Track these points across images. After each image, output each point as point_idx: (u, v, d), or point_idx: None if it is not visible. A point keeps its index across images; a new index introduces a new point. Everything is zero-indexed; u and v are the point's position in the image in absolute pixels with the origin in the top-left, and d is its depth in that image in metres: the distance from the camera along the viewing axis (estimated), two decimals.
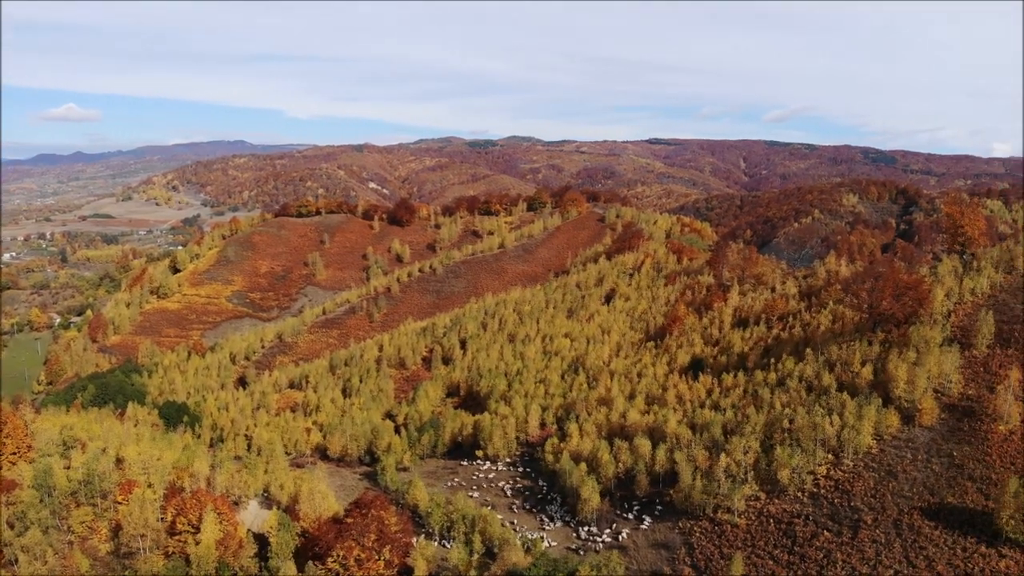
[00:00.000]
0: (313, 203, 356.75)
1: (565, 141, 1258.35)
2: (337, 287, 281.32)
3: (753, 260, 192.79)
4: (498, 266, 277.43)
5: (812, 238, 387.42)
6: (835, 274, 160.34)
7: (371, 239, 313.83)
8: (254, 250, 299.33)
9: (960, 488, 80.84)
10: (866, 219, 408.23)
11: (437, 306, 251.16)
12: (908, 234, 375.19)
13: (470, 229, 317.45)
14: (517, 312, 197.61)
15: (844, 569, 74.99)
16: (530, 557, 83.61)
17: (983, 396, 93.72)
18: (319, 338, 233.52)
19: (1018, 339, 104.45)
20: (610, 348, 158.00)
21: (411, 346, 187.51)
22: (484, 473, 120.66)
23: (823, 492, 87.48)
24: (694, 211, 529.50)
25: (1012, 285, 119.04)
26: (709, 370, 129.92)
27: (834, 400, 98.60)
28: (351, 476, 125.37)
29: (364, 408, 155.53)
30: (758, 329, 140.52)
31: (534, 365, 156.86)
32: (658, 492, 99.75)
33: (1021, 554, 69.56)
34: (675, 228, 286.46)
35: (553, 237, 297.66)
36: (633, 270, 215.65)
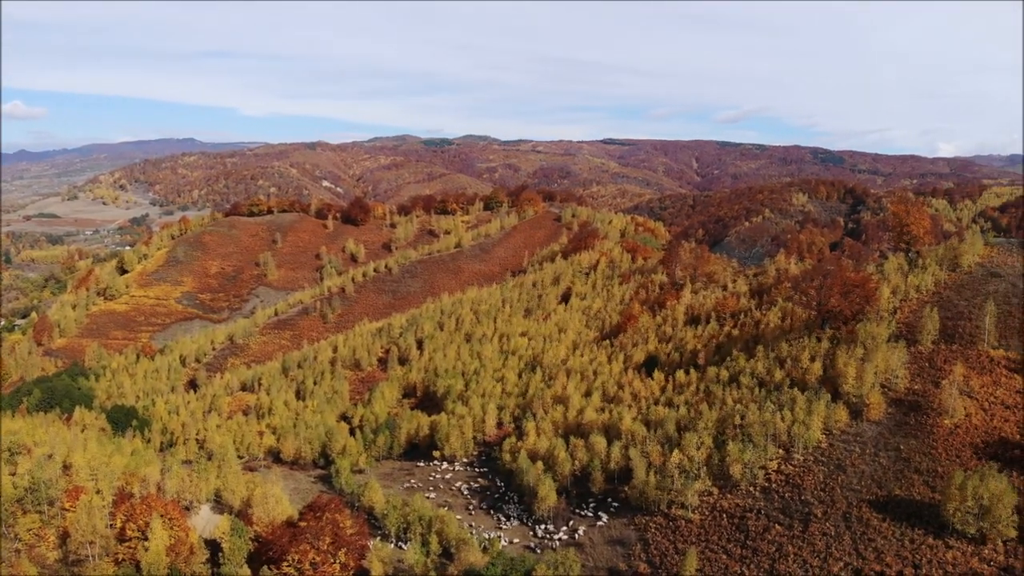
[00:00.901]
0: (265, 202, 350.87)
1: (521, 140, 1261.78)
2: (290, 287, 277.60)
3: (705, 259, 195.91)
4: (455, 265, 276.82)
5: (762, 237, 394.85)
6: (785, 272, 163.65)
7: (325, 238, 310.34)
8: (204, 250, 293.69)
9: (907, 481, 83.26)
10: (815, 218, 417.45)
11: (393, 306, 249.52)
12: (856, 232, 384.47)
13: (426, 228, 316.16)
14: (474, 312, 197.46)
15: (795, 562, 76.68)
16: (487, 556, 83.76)
17: (928, 391, 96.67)
18: (271, 340, 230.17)
19: (962, 335, 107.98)
20: (566, 346, 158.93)
21: (366, 347, 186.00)
22: (441, 474, 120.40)
23: (774, 486, 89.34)
24: (648, 211, 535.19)
25: (956, 282, 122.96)
26: (663, 367, 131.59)
27: (784, 396, 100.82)
28: (305, 479, 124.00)
29: (318, 410, 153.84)
30: (710, 327, 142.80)
31: (491, 364, 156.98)
32: (613, 489, 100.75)
33: (967, 545, 71.92)
34: (630, 228, 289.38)
35: (510, 236, 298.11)
36: (589, 269, 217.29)
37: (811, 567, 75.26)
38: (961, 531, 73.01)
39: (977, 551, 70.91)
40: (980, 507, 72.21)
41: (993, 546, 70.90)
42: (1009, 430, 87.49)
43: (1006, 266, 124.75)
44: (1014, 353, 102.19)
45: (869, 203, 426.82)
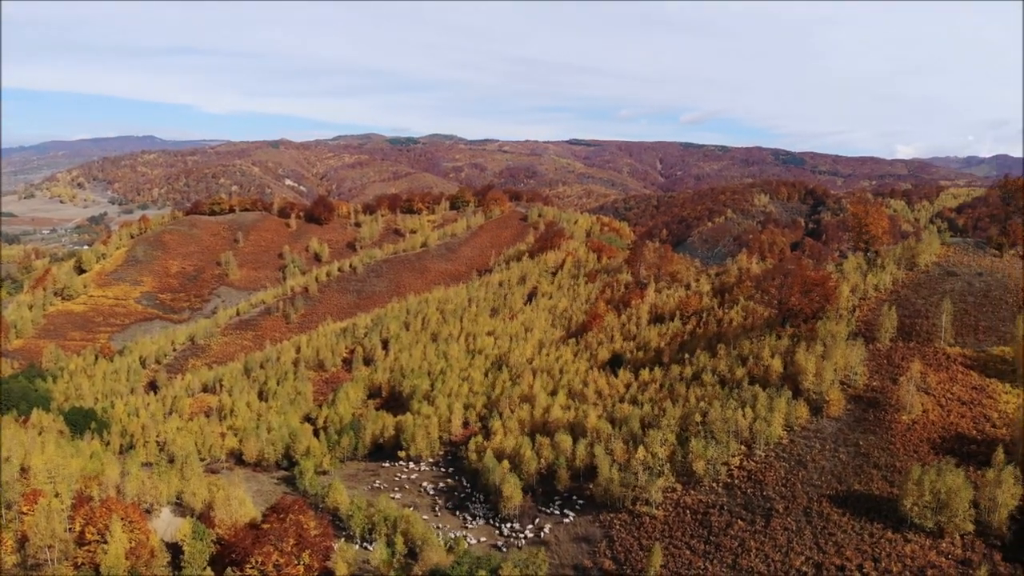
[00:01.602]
0: (226, 200, 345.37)
1: (488, 140, 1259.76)
2: (252, 287, 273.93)
3: (669, 258, 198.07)
4: (421, 265, 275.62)
5: (725, 237, 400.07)
6: (746, 271, 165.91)
7: (288, 238, 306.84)
8: (164, 249, 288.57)
9: (866, 476, 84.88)
10: (776, 218, 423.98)
11: (358, 306, 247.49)
12: (816, 233, 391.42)
13: (392, 227, 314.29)
14: (440, 311, 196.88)
15: (758, 557, 77.77)
16: (453, 556, 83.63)
17: (887, 387, 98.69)
18: (233, 340, 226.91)
19: (919, 332, 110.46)
20: (533, 345, 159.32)
21: (330, 347, 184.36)
22: (407, 474, 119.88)
23: (737, 482, 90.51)
24: (613, 211, 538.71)
25: (913, 281, 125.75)
26: (628, 365, 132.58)
27: (746, 393, 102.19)
28: (268, 481, 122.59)
29: (281, 411, 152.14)
30: (674, 325, 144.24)
31: (458, 364, 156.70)
32: (579, 487, 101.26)
33: (925, 538, 73.50)
34: (595, 227, 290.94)
35: (476, 236, 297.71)
36: (555, 269, 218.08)
37: (773, 562, 76.39)
38: (919, 525, 74.57)
39: (935, 544, 72.51)
40: (937, 501, 73.80)
41: (951, 539, 72.57)
42: (965, 426, 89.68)
43: (962, 265, 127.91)
44: (970, 350, 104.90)
45: (829, 204, 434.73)
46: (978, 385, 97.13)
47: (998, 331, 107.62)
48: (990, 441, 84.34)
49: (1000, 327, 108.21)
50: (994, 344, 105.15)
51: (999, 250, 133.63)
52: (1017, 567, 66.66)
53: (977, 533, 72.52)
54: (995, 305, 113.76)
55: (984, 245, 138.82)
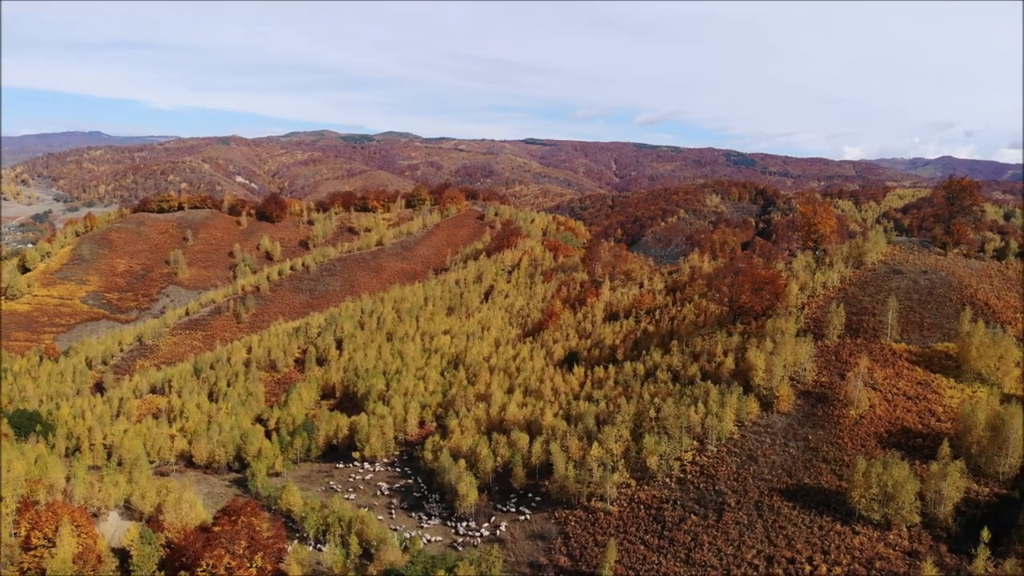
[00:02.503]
0: (175, 198, 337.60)
1: (443, 138, 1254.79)
2: (202, 286, 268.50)
3: (623, 257, 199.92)
4: (376, 264, 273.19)
5: (678, 236, 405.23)
6: (699, 270, 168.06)
7: (238, 236, 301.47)
8: (111, 248, 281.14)
9: (815, 470, 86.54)
10: (728, 218, 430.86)
11: (311, 305, 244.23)
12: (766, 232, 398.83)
13: (346, 226, 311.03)
14: (396, 310, 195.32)
15: (710, 551, 78.71)
16: (408, 556, 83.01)
17: (835, 383, 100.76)
18: (182, 340, 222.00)
19: (866, 329, 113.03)
20: (489, 344, 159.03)
21: (282, 347, 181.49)
22: (361, 475, 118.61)
23: (689, 477, 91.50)
24: (569, 210, 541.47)
25: (860, 279, 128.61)
26: (583, 363, 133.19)
27: (698, 389, 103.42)
28: (220, 484, 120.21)
29: (232, 413, 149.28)
30: (628, 323, 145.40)
31: (414, 363, 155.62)
32: (535, 484, 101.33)
33: (873, 530, 75.22)
34: (551, 227, 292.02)
35: (432, 234, 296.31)
36: (512, 267, 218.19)
37: (725, 555, 77.38)
38: (867, 517, 76.27)
39: (883, 536, 74.26)
40: (884, 494, 75.58)
41: (898, 531, 74.39)
42: (911, 420, 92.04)
43: (908, 264, 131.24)
44: (915, 347, 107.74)
45: (779, 204, 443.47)
46: (923, 380, 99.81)
47: (942, 328, 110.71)
48: (935, 435, 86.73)
49: (944, 324, 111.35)
50: (939, 340, 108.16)
51: (943, 249, 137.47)
52: (963, 559, 68.54)
53: (923, 525, 74.47)
54: (939, 303, 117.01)
55: (929, 244, 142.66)
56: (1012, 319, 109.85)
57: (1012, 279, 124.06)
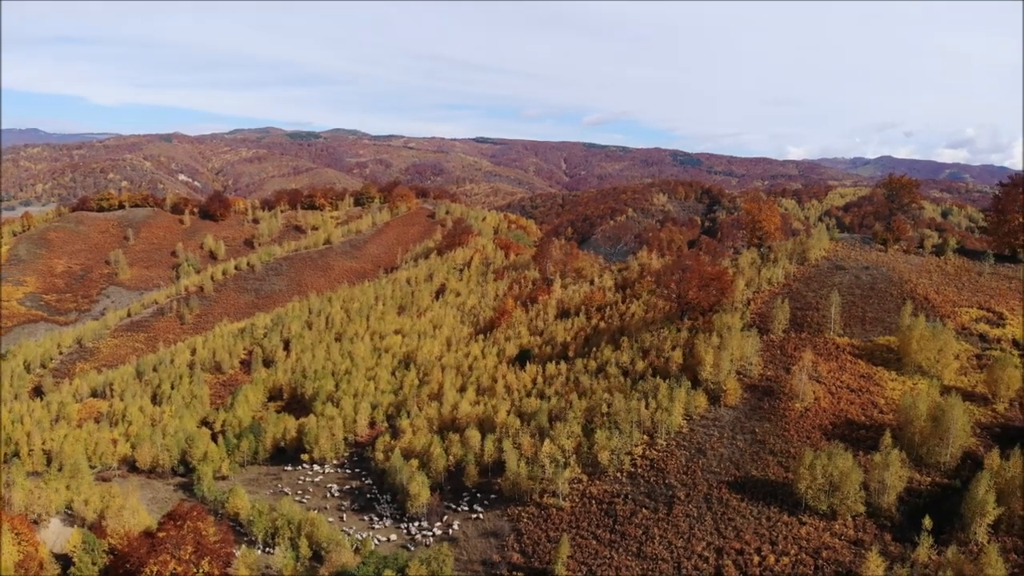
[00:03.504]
0: (116, 196, 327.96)
1: (393, 136, 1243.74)
2: (143, 287, 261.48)
3: (574, 255, 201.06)
4: (324, 263, 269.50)
5: (626, 234, 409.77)
6: (647, 267, 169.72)
7: (181, 235, 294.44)
8: (49, 248, 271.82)
9: (762, 462, 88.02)
10: (675, 217, 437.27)
11: (256, 305, 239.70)
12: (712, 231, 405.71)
13: (292, 224, 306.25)
14: (345, 310, 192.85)
15: (661, 544, 79.40)
16: (359, 557, 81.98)
17: (780, 376, 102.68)
18: (124, 342, 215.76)
19: (810, 324, 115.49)
20: (441, 343, 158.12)
21: (228, 348, 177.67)
22: (311, 477, 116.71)
23: (640, 471, 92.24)
24: (520, 209, 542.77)
25: (804, 275, 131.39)
26: (535, 360, 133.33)
27: (648, 384, 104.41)
28: (164, 488, 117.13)
29: (176, 416, 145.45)
30: (579, 320, 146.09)
31: (364, 363, 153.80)
32: (488, 482, 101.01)
33: (819, 521, 76.73)
34: (503, 225, 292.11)
35: (382, 233, 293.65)
36: (463, 266, 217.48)
37: (676, 548, 78.14)
38: (813, 508, 77.78)
39: (829, 526, 75.81)
40: (830, 485, 77.13)
41: (843, 521, 76.00)
42: (854, 412, 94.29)
43: (850, 260, 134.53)
44: (858, 340, 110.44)
45: (724, 203, 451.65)
46: (866, 373, 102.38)
47: (884, 322, 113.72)
48: (878, 426, 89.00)
49: (886, 318, 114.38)
50: (880, 334, 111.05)
51: (884, 245, 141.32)
52: (907, 547, 70.34)
53: (868, 514, 76.23)
54: (880, 297, 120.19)
55: (870, 241, 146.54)
56: (951, 313, 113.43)
57: (950, 274, 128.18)
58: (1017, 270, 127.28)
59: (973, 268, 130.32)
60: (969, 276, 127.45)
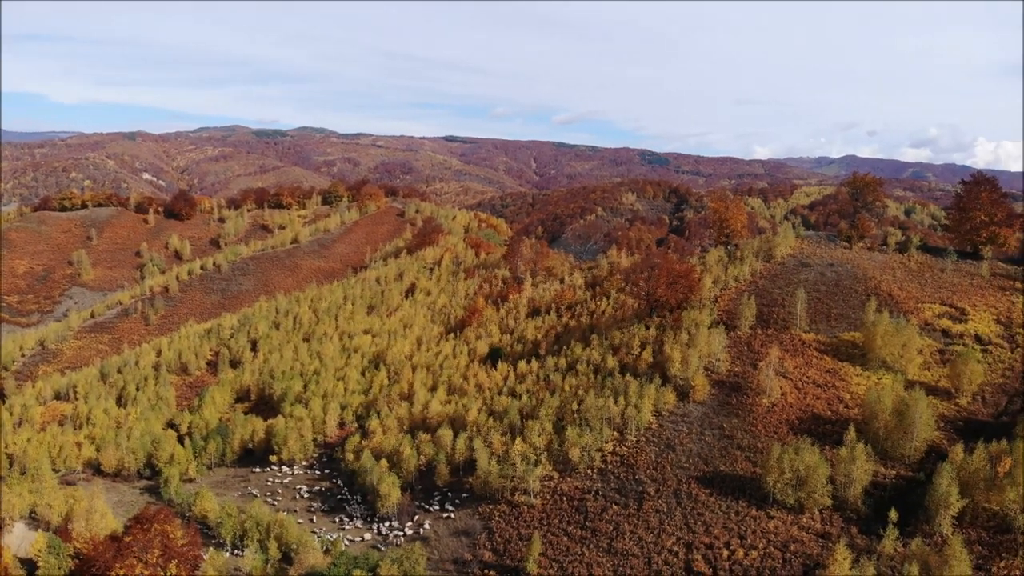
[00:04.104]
0: (78, 195, 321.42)
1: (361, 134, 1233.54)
2: (107, 288, 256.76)
3: (544, 254, 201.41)
4: (291, 262, 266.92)
5: (596, 233, 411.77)
6: (617, 266, 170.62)
7: (146, 234, 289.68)
8: (10, 248, 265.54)
9: (731, 457, 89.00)
10: (643, 216, 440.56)
11: (223, 306, 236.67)
12: (680, 229, 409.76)
13: (259, 223, 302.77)
14: (313, 310, 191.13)
15: (632, 539, 79.93)
16: (329, 557, 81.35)
17: (747, 372, 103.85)
18: (88, 344, 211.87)
19: (776, 320, 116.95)
20: (412, 342, 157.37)
21: (194, 349, 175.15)
22: (280, 478, 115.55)
23: (610, 467, 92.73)
24: (490, 208, 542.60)
25: (770, 272, 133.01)
26: (506, 358, 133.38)
27: (618, 381, 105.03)
28: (130, 491, 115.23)
29: (142, 418, 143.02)
30: (549, 318, 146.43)
31: (333, 364, 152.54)
32: (459, 481, 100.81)
33: (787, 514, 77.82)
34: (473, 224, 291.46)
35: (351, 232, 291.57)
36: (433, 265, 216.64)
37: (646, 543, 78.72)
38: (781, 502, 78.84)
39: (796, 520, 76.93)
40: (797, 479, 78.31)
41: (810, 514, 77.20)
42: (820, 407, 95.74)
43: (815, 257, 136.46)
44: (823, 336, 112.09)
45: (692, 202, 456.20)
46: (831, 369, 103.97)
47: (848, 318, 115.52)
48: (843, 421, 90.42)
49: (850, 314, 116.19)
50: (845, 330, 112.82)
51: (848, 243, 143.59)
52: (873, 539, 71.58)
53: (834, 508, 77.50)
54: (845, 294, 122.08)
55: (835, 238, 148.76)
56: (914, 309, 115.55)
57: (913, 271, 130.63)
58: (979, 267, 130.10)
59: (936, 265, 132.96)
60: (932, 273, 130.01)
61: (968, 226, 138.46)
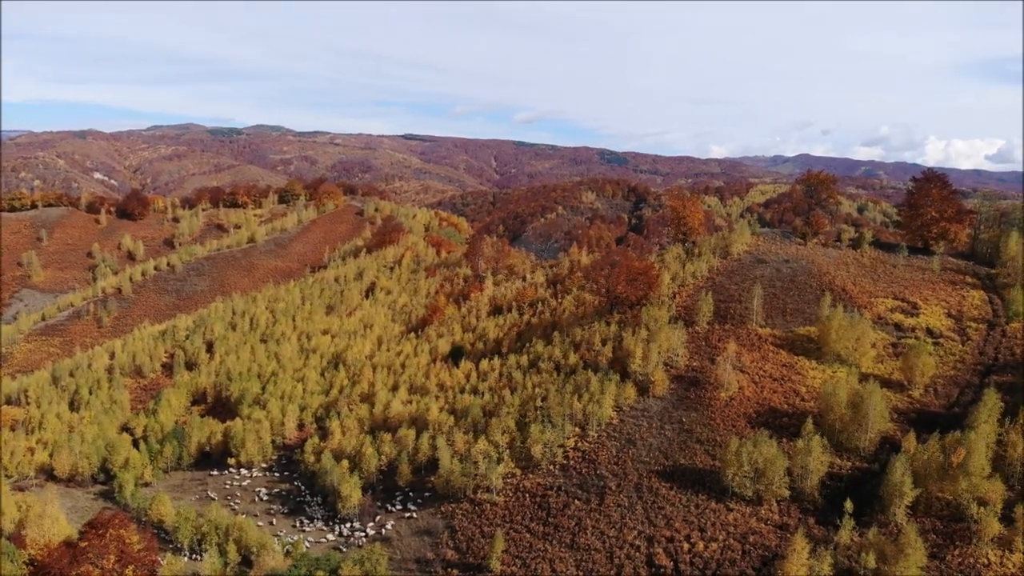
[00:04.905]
0: (28, 196, 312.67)
1: (318, 132, 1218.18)
2: (58, 289, 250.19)
3: (505, 252, 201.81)
4: (248, 262, 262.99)
5: (557, 232, 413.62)
6: (577, 263, 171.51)
7: (98, 235, 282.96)
8: None
9: (690, 451, 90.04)
10: (603, 214, 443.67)
11: (178, 307, 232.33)
12: (639, 227, 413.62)
13: (214, 223, 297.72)
14: (270, 310, 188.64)
15: (593, 534, 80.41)
16: (290, 560, 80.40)
17: (706, 367, 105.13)
18: (39, 347, 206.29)
19: (733, 315, 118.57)
20: (372, 342, 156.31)
21: (148, 352, 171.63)
22: (238, 481, 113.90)
23: (572, 463, 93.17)
24: (451, 206, 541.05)
25: (727, 268, 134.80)
26: (468, 357, 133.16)
27: (580, 377, 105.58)
28: (84, 497, 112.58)
29: (96, 422, 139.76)
30: (511, 316, 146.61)
31: (291, 365, 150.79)
32: (421, 480, 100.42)
33: (746, 506, 78.97)
34: (434, 222, 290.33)
35: (309, 231, 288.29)
36: (394, 264, 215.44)
37: (608, 538, 79.27)
38: (740, 494, 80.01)
39: (755, 511, 78.09)
40: (755, 471, 79.53)
41: (769, 506, 78.44)
42: (777, 400, 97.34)
43: (770, 254, 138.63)
44: (779, 331, 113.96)
45: (650, 200, 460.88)
46: (787, 363, 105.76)
47: (804, 313, 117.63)
48: (800, 414, 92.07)
49: (805, 309, 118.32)
50: (800, 325, 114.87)
51: (803, 239, 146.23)
52: (829, 529, 72.99)
53: (792, 499, 78.83)
54: (800, 289, 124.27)
55: (790, 235, 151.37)
56: (868, 303, 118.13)
57: (866, 266, 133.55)
58: (930, 262, 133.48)
59: (888, 260, 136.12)
60: (884, 268, 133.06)
61: (919, 222, 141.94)
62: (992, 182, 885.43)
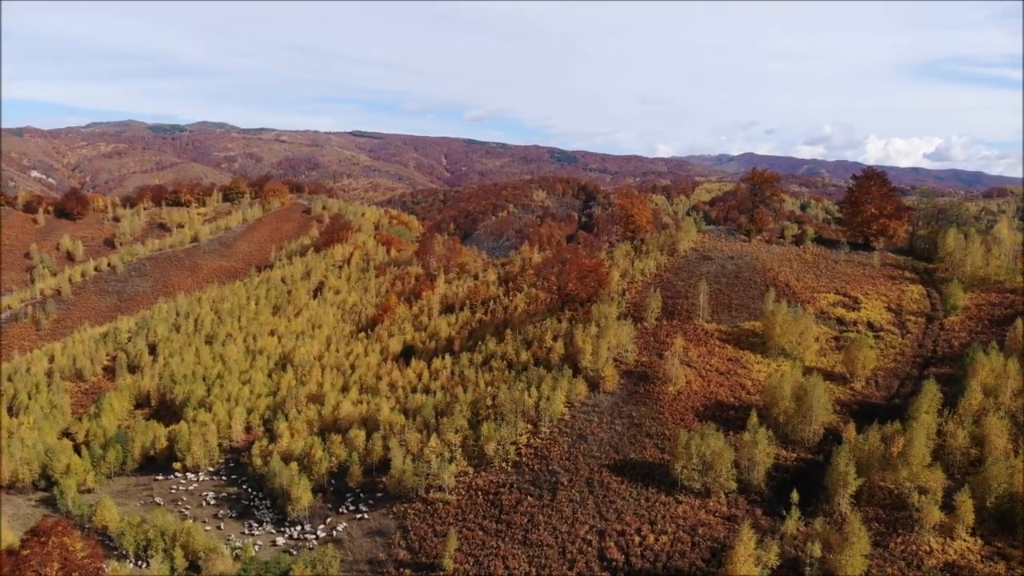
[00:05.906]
0: None
1: (263, 129, 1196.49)
2: None
3: (457, 250, 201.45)
4: (191, 262, 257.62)
5: (508, 230, 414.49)
6: (529, 261, 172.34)
7: (35, 235, 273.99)
8: None
9: (640, 444, 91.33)
10: (553, 213, 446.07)
11: (119, 308, 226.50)
12: (588, 225, 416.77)
13: (156, 222, 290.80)
14: (215, 311, 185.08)
15: (546, 530, 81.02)
16: (239, 564, 79.21)
17: (654, 362, 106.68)
18: None
19: (680, 311, 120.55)
20: (321, 342, 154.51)
21: (89, 354, 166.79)
22: (184, 485, 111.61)
23: (525, 460, 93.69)
24: (401, 204, 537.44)
25: (674, 265, 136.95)
26: (420, 356, 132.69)
27: (532, 375, 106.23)
28: (25, 504, 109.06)
29: (35, 427, 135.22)
30: (463, 314, 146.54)
31: (237, 366, 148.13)
32: (372, 481, 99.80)
33: (695, 499, 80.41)
34: (383, 220, 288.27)
35: (254, 230, 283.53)
36: (343, 262, 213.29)
37: (560, 533, 79.95)
38: (689, 487, 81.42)
39: (703, 504, 79.59)
40: (703, 464, 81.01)
41: (717, 498, 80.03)
42: (723, 394, 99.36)
43: (716, 250, 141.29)
44: (725, 326, 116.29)
45: (599, 199, 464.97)
46: (733, 357, 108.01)
47: (749, 308, 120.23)
48: (746, 407, 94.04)
49: (750, 304, 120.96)
50: (746, 320, 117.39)
51: (748, 236, 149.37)
52: (776, 520, 74.76)
53: (739, 491, 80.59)
54: (745, 285, 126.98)
55: (735, 232, 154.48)
56: (810, 298, 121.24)
57: (809, 262, 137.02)
58: (870, 257, 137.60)
59: (830, 256, 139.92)
60: (826, 264, 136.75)
61: (860, 219, 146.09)
62: (930, 180, 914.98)
